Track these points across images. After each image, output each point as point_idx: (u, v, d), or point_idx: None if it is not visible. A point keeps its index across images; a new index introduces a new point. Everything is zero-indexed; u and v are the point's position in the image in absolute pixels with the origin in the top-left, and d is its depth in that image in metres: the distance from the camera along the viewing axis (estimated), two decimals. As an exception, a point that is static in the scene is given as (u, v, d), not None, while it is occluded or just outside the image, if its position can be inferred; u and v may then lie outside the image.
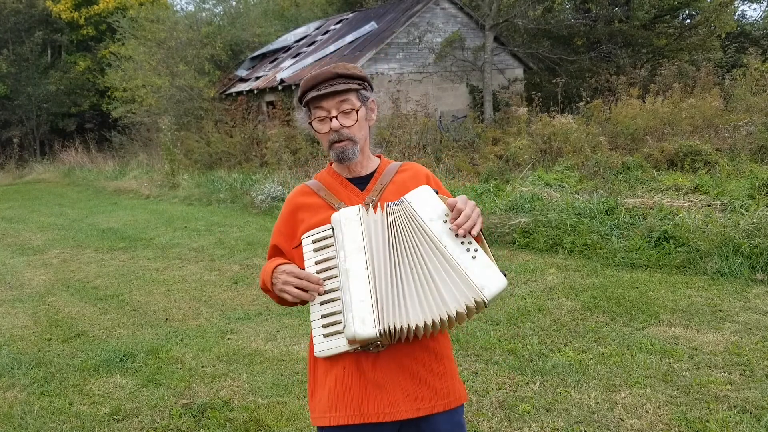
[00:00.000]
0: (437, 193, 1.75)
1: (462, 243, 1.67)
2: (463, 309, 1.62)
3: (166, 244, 8.99)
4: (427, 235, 1.69)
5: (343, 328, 1.67)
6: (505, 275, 1.66)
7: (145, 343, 5.07)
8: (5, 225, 12.18)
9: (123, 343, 5.11)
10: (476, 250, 1.67)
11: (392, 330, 1.64)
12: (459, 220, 1.68)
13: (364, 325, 1.64)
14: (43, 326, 5.73)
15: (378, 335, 1.64)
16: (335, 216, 1.75)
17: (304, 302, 1.77)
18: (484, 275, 1.64)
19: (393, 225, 1.72)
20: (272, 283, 1.81)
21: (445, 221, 1.70)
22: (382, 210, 1.75)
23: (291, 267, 1.79)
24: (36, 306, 6.42)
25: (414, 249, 1.69)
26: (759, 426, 3.19)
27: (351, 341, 1.66)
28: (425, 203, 1.72)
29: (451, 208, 1.70)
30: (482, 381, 3.94)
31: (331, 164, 1.98)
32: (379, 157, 2.01)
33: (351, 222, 1.72)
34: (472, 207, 1.70)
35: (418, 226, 1.70)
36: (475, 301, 1.62)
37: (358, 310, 1.65)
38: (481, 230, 1.72)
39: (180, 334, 5.27)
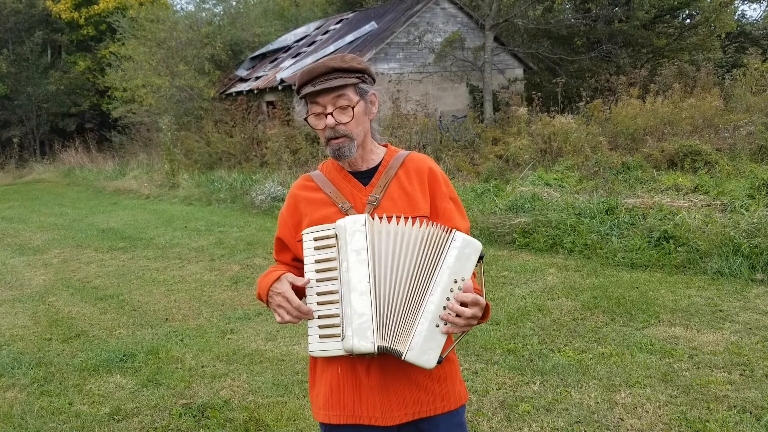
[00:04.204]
0: (482, 258, 1.70)
1: (444, 308, 1.65)
2: (390, 349, 1.65)
3: (166, 244, 8.99)
4: (433, 274, 1.65)
5: (342, 339, 1.66)
6: (440, 362, 1.66)
7: (145, 343, 5.07)
8: (5, 225, 12.18)
9: (123, 343, 5.11)
10: (445, 324, 1.65)
11: (390, 349, 1.65)
12: (455, 308, 1.63)
13: (363, 340, 1.63)
14: (43, 326, 5.73)
15: (376, 351, 1.64)
16: (340, 223, 1.69)
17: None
18: (424, 343, 1.64)
19: (417, 243, 1.67)
20: (267, 300, 1.79)
21: (456, 282, 1.65)
22: (402, 222, 1.69)
23: (287, 290, 1.73)
24: (36, 306, 6.42)
25: (417, 276, 1.66)
26: (759, 426, 3.19)
27: (348, 352, 1.67)
28: (463, 253, 1.66)
29: (468, 289, 1.65)
30: (482, 381, 3.94)
31: None
32: (386, 146, 1.93)
33: (356, 232, 1.66)
34: (471, 313, 1.64)
35: (436, 262, 1.66)
36: (398, 352, 1.64)
37: (358, 324, 1.64)
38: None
39: (180, 334, 5.27)
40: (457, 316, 1.64)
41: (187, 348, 4.93)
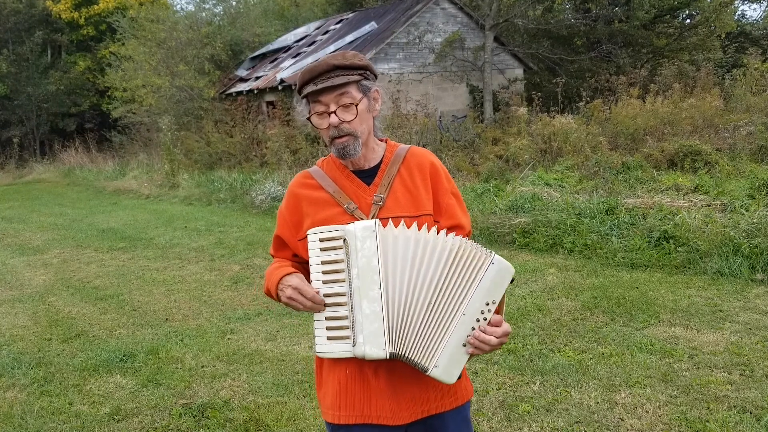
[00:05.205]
0: (513, 281, 1.68)
1: (473, 328, 1.64)
2: (422, 365, 1.66)
3: (166, 244, 8.99)
4: (467, 293, 1.63)
5: (353, 345, 1.65)
6: (459, 377, 1.67)
7: (145, 343, 5.07)
8: (5, 225, 12.18)
9: (123, 343, 5.11)
10: (471, 343, 1.65)
11: (408, 359, 1.65)
12: (484, 337, 1.63)
13: (375, 347, 1.63)
14: (43, 326, 5.73)
15: (387, 357, 1.64)
16: (350, 228, 1.65)
17: None
18: (450, 361, 1.65)
19: (444, 254, 1.64)
20: (277, 295, 1.79)
21: (488, 304, 1.63)
22: (424, 229, 1.67)
23: (296, 281, 1.73)
24: (36, 306, 6.42)
25: (445, 289, 1.64)
26: (759, 426, 3.19)
27: (359, 357, 1.67)
28: (498, 277, 1.63)
29: (498, 322, 1.65)
30: (482, 381, 3.94)
31: None
32: (386, 141, 1.90)
33: (366, 239, 1.64)
34: (497, 343, 1.65)
35: (471, 282, 1.63)
36: (422, 366, 1.65)
37: (370, 332, 1.63)
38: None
39: (180, 334, 5.27)
40: (484, 339, 1.64)
41: (187, 348, 4.93)
